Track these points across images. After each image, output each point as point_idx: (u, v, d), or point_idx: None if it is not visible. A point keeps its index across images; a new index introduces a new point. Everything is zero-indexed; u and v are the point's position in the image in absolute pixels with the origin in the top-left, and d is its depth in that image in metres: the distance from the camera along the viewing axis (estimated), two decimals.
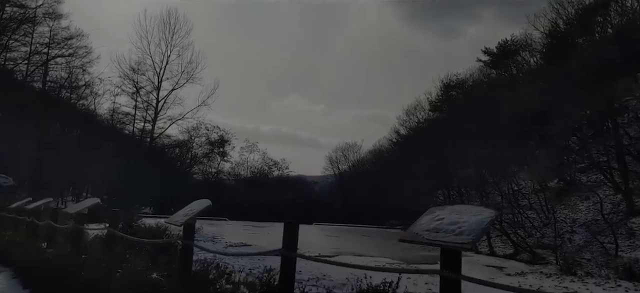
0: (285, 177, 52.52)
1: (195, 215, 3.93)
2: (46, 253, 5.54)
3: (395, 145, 46.68)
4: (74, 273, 4.14)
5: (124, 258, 4.38)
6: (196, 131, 48.53)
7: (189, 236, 4.02)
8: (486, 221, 2.60)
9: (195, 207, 4.22)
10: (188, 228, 4.03)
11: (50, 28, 33.55)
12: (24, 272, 5.64)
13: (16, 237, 7.44)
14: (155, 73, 44.46)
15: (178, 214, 4.17)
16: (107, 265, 4.09)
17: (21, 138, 28.56)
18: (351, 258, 19.94)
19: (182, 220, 3.90)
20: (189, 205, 4.33)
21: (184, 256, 3.91)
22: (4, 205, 10.82)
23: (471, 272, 18.02)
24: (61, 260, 4.67)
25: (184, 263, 3.84)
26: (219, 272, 4.05)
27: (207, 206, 4.07)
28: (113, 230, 4.86)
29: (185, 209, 4.29)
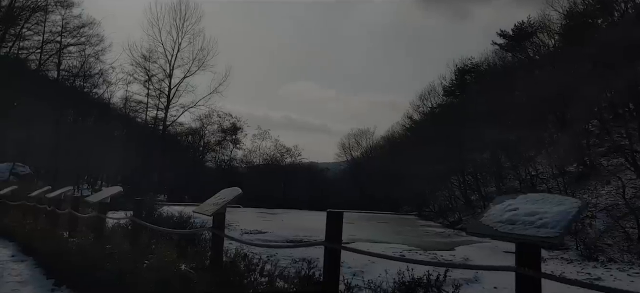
0: (297, 163, 52.44)
1: (225, 204, 3.75)
2: (69, 242, 5.44)
3: (408, 130, 46.25)
4: (99, 263, 4.00)
5: (149, 249, 4.22)
6: (208, 119, 48.61)
7: (219, 226, 3.84)
8: (572, 212, 2.30)
9: (226, 195, 4.04)
10: (218, 218, 3.84)
11: (62, 16, 33.59)
12: (47, 262, 5.56)
13: (37, 225, 7.39)
14: (166, 60, 44.44)
15: (207, 203, 4.01)
16: (132, 255, 3.95)
17: (37, 127, 28.77)
18: (368, 245, 19.82)
19: (212, 210, 3.73)
20: (218, 194, 4.15)
21: (214, 247, 3.76)
22: (24, 194, 10.81)
23: (490, 258, 17.78)
24: (85, 250, 4.55)
25: (214, 254, 3.70)
26: (252, 264, 3.86)
27: (238, 195, 3.87)
28: (137, 219, 4.71)
29: (215, 198, 4.16)
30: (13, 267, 6.02)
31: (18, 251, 7.25)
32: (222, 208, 3.72)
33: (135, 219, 4.69)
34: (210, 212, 3.71)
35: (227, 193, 4.00)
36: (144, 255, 3.97)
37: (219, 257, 3.61)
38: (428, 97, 44.21)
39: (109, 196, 5.54)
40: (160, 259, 3.67)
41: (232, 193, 3.90)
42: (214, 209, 3.72)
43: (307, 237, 20.97)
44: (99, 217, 5.48)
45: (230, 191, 3.99)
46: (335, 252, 2.97)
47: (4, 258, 6.79)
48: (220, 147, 50.95)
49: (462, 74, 41.13)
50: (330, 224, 3.03)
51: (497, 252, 19.27)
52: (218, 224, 3.84)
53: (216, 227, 3.82)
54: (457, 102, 37.89)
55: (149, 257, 3.93)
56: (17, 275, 5.57)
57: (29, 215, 9.17)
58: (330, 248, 2.94)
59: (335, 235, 3.02)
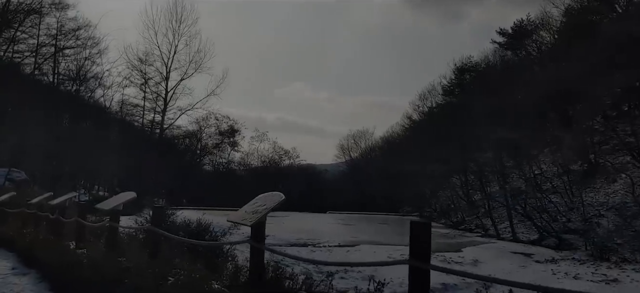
0: (296, 165, 52.03)
1: (267, 212, 3.33)
2: (77, 254, 5.01)
3: (408, 131, 45.96)
4: (114, 279, 3.59)
5: (171, 262, 3.80)
6: (206, 121, 48.11)
7: (259, 238, 3.34)
8: None
9: (267, 202, 3.58)
10: (258, 228, 3.35)
11: (57, 19, 33.01)
12: (52, 276, 5.13)
13: (39, 235, 6.93)
14: (163, 63, 43.84)
15: (245, 211, 3.52)
16: (152, 270, 3.54)
17: (32, 132, 28.19)
18: (372, 247, 19.46)
19: (253, 219, 3.31)
20: (256, 200, 3.71)
21: (254, 262, 3.26)
22: (23, 201, 10.34)
23: (499, 260, 17.46)
24: (96, 263, 4.13)
25: (254, 270, 3.23)
26: (297, 283, 3.45)
27: (281, 200, 3.45)
28: (156, 228, 4.28)
29: (253, 205, 3.68)
30: (15, 282, 5.59)
31: (19, 263, 6.81)
32: (264, 216, 3.30)
33: (155, 228, 4.26)
34: (251, 222, 3.27)
35: (267, 199, 3.57)
36: (166, 270, 3.56)
37: (259, 273, 3.16)
38: (427, 97, 43.98)
39: (122, 203, 5.10)
40: (188, 275, 3.27)
41: (273, 199, 3.47)
42: (255, 219, 3.29)
43: (310, 240, 20.60)
44: (111, 225, 5.05)
45: (271, 196, 3.57)
46: (422, 273, 2.47)
47: (4, 271, 6.35)
48: (218, 150, 50.48)
49: (462, 73, 40.92)
50: (415, 238, 2.49)
51: (505, 253, 19.01)
52: (258, 235, 3.36)
53: (256, 239, 3.34)
54: (458, 101, 37.65)
55: (172, 272, 3.53)
56: (20, 291, 5.14)
57: (29, 223, 8.72)
58: (417, 269, 2.46)
59: (422, 251, 2.51)
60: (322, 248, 18.48)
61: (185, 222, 5.92)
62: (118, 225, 5.07)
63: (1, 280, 5.72)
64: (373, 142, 54.70)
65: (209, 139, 50.04)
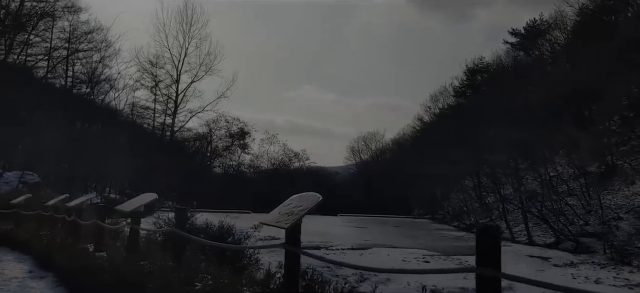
0: (305, 168, 51.91)
1: (304, 214, 3.17)
2: (96, 257, 4.89)
3: (419, 132, 45.63)
4: (137, 284, 3.45)
5: (196, 267, 3.64)
6: (216, 124, 48.22)
7: (295, 242, 3.14)
8: None
9: (303, 203, 3.31)
10: (294, 231, 3.15)
11: (69, 22, 33.28)
12: (70, 280, 5.01)
13: (56, 237, 6.84)
14: (173, 66, 44.16)
15: (280, 213, 3.38)
16: (177, 275, 3.38)
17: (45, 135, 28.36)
18: (386, 250, 19.21)
19: (288, 222, 3.13)
20: (290, 200, 3.55)
21: (289, 267, 3.10)
22: (38, 203, 10.29)
23: (516, 264, 17.14)
24: (117, 266, 4.00)
25: (288, 277, 3.06)
26: (336, 288, 3.26)
27: (318, 202, 3.25)
28: (180, 231, 4.12)
29: (287, 206, 3.45)
30: (32, 286, 5.48)
31: (35, 266, 6.72)
32: (300, 219, 3.11)
33: (178, 231, 4.10)
34: (287, 224, 3.11)
35: (302, 199, 3.36)
36: (192, 275, 3.41)
37: (294, 279, 2.98)
38: (439, 98, 43.63)
39: (143, 205, 4.96)
40: (216, 281, 3.11)
41: (310, 199, 3.27)
42: (291, 221, 3.11)
43: (323, 243, 20.38)
44: (132, 228, 4.91)
45: (306, 197, 3.38)
46: (493, 283, 2.22)
47: (21, 274, 6.26)
48: (228, 152, 50.51)
49: (473, 74, 40.54)
50: (483, 246, 2.28)
51: (521, 256, 18.65)
52: (293, 238, 3.17)
53: (291, 242, 3.14)
54: (470, 102, 37.29)
55: (198, 277, 3.38)
56: None
57: (45, 225, 8.64)
58: (486, 278, 2.21)
59: (491, 259, 2.26)
60: (335, 250, 18.28)
61: (206, 224, 5.76)
62: (139, 228, 4.93)
63: (18, 284, 5.62)
64: (383, 144, 54.47)
65: (219, 141, 50.17)
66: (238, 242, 5.65)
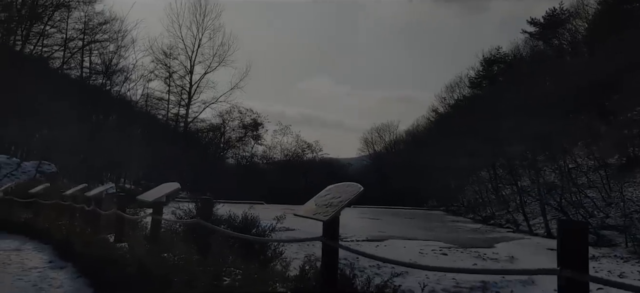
0: (318, 159, 51.79)
1: (343, 206, 2.90)
2: (117, 248, 4.79)
3: (433, 124, 45.15)
4: (161, 277, 3.32)
5: (223, 260, 3.49)
6: (229, 115, 48.29)
7: (333, 235, 2.93)
8: None
9: (342, 194, 3.06)
10: (332, 224, 2.93)
11: (84, 13, 33.41)
12: (91, 270, 4.92)
13: (75, 227, 6.79)
14: (187, 57, 44.25)
15: (316, 204, 3.19)
16: (204, 269, 3.24)
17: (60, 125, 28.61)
18: (402, 242, 19.00)
19: (328, 214, 2.88)
20: (327, 191, 3.35)
21: (326, 262, 2.89)
22: (57, 192, 10.29)
23: (536, 256, 16.85)
24: (139, 259, 3.87)
25: (325, 272, 2.87)
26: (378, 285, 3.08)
27: (359, 193, 3.04)
28: (205, 222, 3.97)
29: (324, 197, 3.23)
30: (52, 276, 5.41)
31: (55, 256, 6.68)
32: (339, 211, 2.91)
33: (204, 222, 3.95)
34: (325, 217, 2.90)
35: (340, 190, 3.13)
36: (219, 269, 3.26)
37: (332, 275, 2.80)
38: (455, 89, 43.06)
39: (165, 194, 4.82)
40: (245, 275, 2.96)
41: (350, 190, 3.04)
42: (330, 213, 2.87)
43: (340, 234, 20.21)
44: (154, 218, 4.78)
45: (345, 187, 3.16)
46: (579, 287, 1.94)
47: (41, 264, 6.21)
48: (241, 143, 50.57)
49: (490, 64, 39.88)
50: (569, 245, 1.99)
51: (540, 249, 18.32)
52: (331, 232, 2.95)
53: (329, 235, 2.93)
54: (486, 93, 36.72)
55: (226, 271, 3.23)
56: (58, 287, 4.95)
57: (64, 214, 8.61)
58: (573, 281, 1.92)
59: (578, 260, 1.96)
60: (350, 242, 18.15)
61: (229, 215, 5.62)
62: (161, 218, 4.81)
63: (39, 275, 5.56)
64: (397, 136, 54.06)
65: (233, 132, 50.25)
66: (262, 234, 5.50)
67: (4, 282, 5.16)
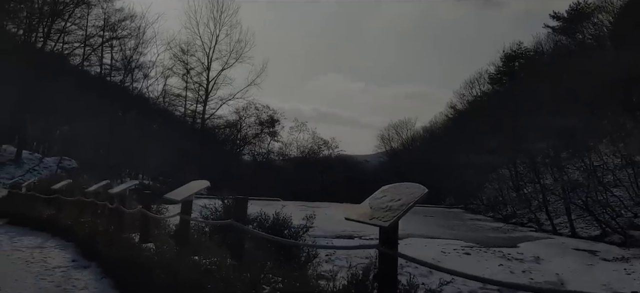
0: (335, 156, 51.51)
1: (407, 209, 2.61)
2: (143, 249, 4.62)
3: (451, 121, 44.49)
4: (192, 283, 3.11)
5: (261, 265, 3.25)
6: (246, 111, 48.30)
7: (392, 243, 2.60)
8: None
9: (402, 196, 2.71)
10: (392, 230, 2.60)
11: (104, 10, 33.71)
12: (116, 272, 4.78)
13: (98, 225, 6.68)
14: (204, 53, 44.36)
15: (371, 208, 2.87)
16: (239, 275, 3.01)
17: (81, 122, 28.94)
18: (423, 240, 18.66)
19: (385, 218, 2.57)
20: (382, 192, 3.03)
21: (384, 273, 2.60)
22: (79, 189, 10.26)
23: (562, 257, 16.35)
24: (168, 261, 3.69)
25: (385, 284, 2.57)
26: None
27: (423, 194, 2.72)
28: (240, 224, 3.73)
29: (380, 199, 2.91)
30: (77, 276, 5.29)
31: (78, 255, 6.58)
32: (400, 216, 2.60)
33: (238, 224, 3.73)
34: (386, 222, 2.55)
35: (399, 191, 2.83)
36: (256, 275, 3.04)
37: (391, 289, 2.54)
38: (475, 85, 42.37)
39: (193, 193, 4.62)
40: (287, 283, 2.73)
41: (412, 192, 2.69)
42: (391, 218, 2.55)
43: (356, 232, 20.03)
44: (182, 218, 4.58)
45: (405, 188, 2.82)
46: None
47: (64, 263, 6.11)
48: (258, 140, 50.56)
49: (510, 60, 39.12)
50: None
51: (566, 249, 17.81)
52: (390, 239, 2.61)
53: (388, 244, 2.59)
54: (507, 89, 36.02)
55: (265, 278, 3.00)
56: (83, 288, 4.81)
57: (86, 212, 8.54)
58: None
59: None
60: (369, 240, 17.89)
61: (261, 215, 5.39)
62: (190, 218, 4.62)
63: (62, 274, 5.45)
64: (414, 133, 53.48)
65: (249, 129, 50.27)
66: (295, 236, 5.29)
67: (27, 282, 5.06)
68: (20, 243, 7.97)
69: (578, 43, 31.63)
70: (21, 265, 6.00)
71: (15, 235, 8.96)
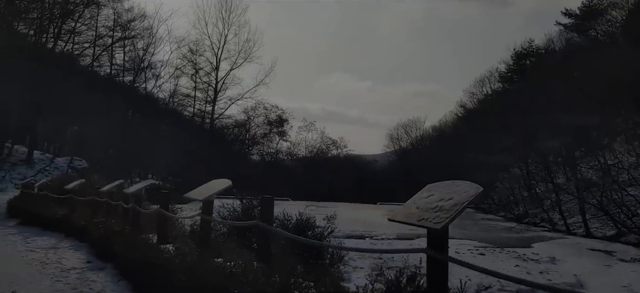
0: (343, 155, 51.35)
1: (461, 209, 2.39)
2: (162, 251, 4.50)
3: (461, 120, 44.12)
4: (217, 287, 2.97)
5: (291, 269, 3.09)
6: (255, 111, 48.31)
7: (442, 247, 2.41)
8: None
9: (454, 195, 2.48)
10: (442, 233, 2.40)
11: (113, 10, 33.81)
12: (131, 273, 4.67)
13: (113, 226, 6.59)
14: (213, 53, 44.41)
15: (417, 208, 2.64)
16: (267, 280, 2.85)
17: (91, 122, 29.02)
18: None
19: (435, 220, 2.38)
20: (429, 191, 2.81)
21: (433, 278, 2.42)
22: (92, 189, 10.20)
23: (578, 257, 16.07)
24: (189, 264, 3.56)
25: (434, 290, 2.40)
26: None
27: (478, 194, 2.45)
28: (267, 225, 3.58)
29: (426, 198, 2.68)
30: (92, 278, 5.19)
31: (93, 256, 6.49)
32: (454, 217, 2.36)
33: (265, 225, 3.59)
34: (435, 223, 2.36)
35: (450, 191, 2.59)
36: (287, 280, 2.88)
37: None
38: (484, 84, 41.99)
39: (215, 192, 4.48)
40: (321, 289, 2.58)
41: (465, 191, 2.38)
42: (442, 219, 2.33)
43: (367, 232, 19.86)
44: (203, 218, 4.44)
45: (453, 186, 2.51)
46: None
47: (79, 264, 6.02)
48: (266, 140, 50.54)
49: (521, 58, 38.70)
50: None
51: (581, 249, 17.51)
52: (441, 243, 2.41)
53: (437, 248, 2.40)
54: (518, 87, 35.65)
55: (295, 283, 2.85)
56: (100, 291, 4.71)
57: (100, 212, 8.47)
58: None
59: None
60: (382, 240, 17.73)
61: (284, 215, 5.24)
62: (211, 219, 4.48)
63: (78, 276, 5.36)
64: (423, 132, 53.16)
65: (258, 128, 50.29)
66: (319, 237, 5.14)
67: (43, 284, 4.97)
68: (34, 243, 7.92)
69: (590, 40, 31.18)
70: (36, 266, 5.93)
71: (29, 236, 8.93)
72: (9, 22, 26.63)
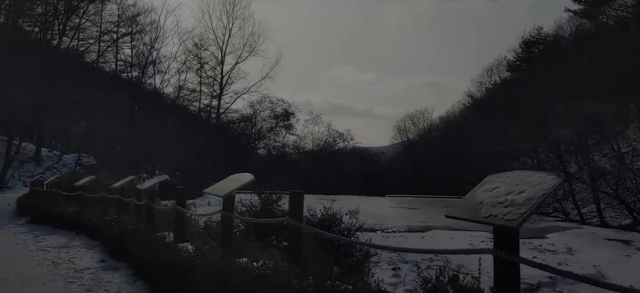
0: (350, 148, 51.05)
1: (537, 203, 2.09)
2: (179, 249, 4.30)
3: (469, 110, 43.67)
4: (244, 290, 2.77)
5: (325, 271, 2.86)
6: (260, 105, 48.08)
7: (513, 246, 2.15)
8: None
9: (525, 187, 2.21)
10: (513, 233, 2.14)
11: (118, 5, 33.63)
12: (148, 273, 4.48)
13: (126, 223, 6.39)
14: (218, 47, 44.17)
15: (478, 201, 2.39)
16: (299, 282, 2.63)
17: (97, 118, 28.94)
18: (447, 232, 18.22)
19: (506, 216, 2.09)
20: (492, 181, 2.53)
21: (501, 281, 2.15)
22: (103, 185, 10.03)
23: (595, 247, 15.77)
24: (211, 264, 3.35)
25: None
26: None
27: (556, 185, 2.17)
28: (299, 223, 3.32)
29: (491, 191, 2.40)
30: (107, 279, 5.00)
31: (106, 255, 6.31)
32: (530, 213, 2.09)
33: (296, 222, 3.34)
34: (509, 220, 2.08)
35: (518, 181, 2.31)
36: (321, 283, 2.66)
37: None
38: (492, 73, 41.48)
39: (235, 188, 4.24)
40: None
41: (536, 182, 2.19)
42: (518, 215, 2.05)
43: (377, 225, 19.61)
44: (224, 216, 4.21)
45: (524, 176, 2.23)
46: None
47: (93, 264, 5.84)
48: (273, 134, 50.33)
49: (529, 46, 38.14)
50: None
51: (598, 239, 17.21)
52: (511, 242, 2.16)
53: (507, 247, 2.15)
54: (527, 75, 35.15)
55: (332, 286, 2.63)
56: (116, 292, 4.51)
57: (112, 209, 8.30)
58: None
59: None
60: (393, 234, 17.49)
61: (308, 211, 5.00)
62: (233, 216, 4.25)
63: (92, 277, 5.17)
64: (431, 123, 52.73)
65: (264, 122, 50.08)
66: (347, 234, 4.91)
67: (57, 286, 4.79)
68: (46, 242, 7.76)
69: (601, 26, 30.61)
70: (48, 266, 5.76)
71: (39, 234, 8.78)
72: (14, 19, 26.52)
